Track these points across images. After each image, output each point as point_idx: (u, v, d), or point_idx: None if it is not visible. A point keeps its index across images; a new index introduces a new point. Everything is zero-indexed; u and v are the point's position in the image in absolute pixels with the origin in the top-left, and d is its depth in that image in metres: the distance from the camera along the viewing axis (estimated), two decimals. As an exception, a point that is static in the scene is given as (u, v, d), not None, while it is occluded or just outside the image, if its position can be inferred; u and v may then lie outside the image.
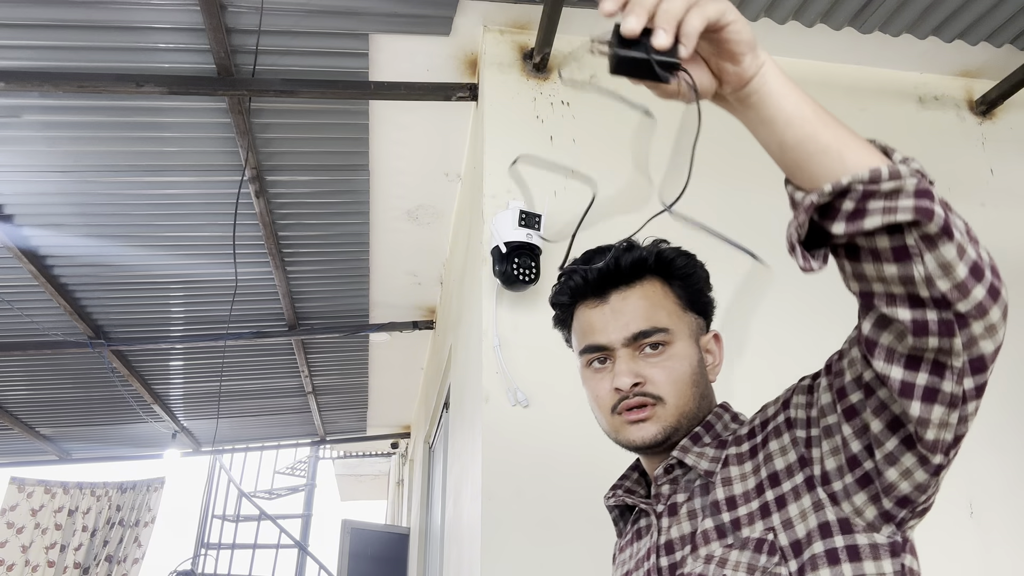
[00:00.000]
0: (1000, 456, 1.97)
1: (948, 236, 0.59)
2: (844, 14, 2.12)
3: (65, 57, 2.11)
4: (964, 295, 0.60)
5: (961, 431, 0.67)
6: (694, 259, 0.97)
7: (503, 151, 2.00)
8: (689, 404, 0.88)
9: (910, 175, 0.59)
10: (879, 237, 0.60)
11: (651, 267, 0.93)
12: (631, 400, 0.87)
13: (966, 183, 2.31)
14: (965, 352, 0.64)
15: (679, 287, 0.93)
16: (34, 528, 6.48)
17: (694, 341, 0.92)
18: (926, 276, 0.59)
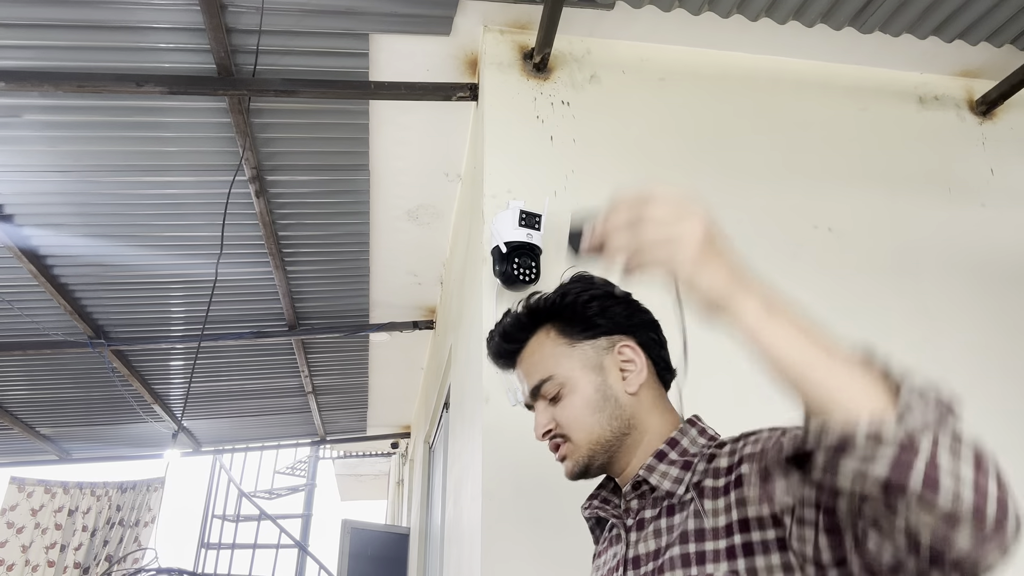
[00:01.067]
0: (1000, 457, 1.96)
1: (933, 491, 0.53)
2: (844, 14, 2.12)
3: (65, 57, 2.11)
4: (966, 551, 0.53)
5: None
6: (569, 291, 0.98)
7: (503, 151, 2.00)
8: (595, 431, 0.93)
9: (903, 433, 0.54)
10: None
11: (528, 323, 1.00)
12: (549, 444, 0.98)
13: (966, 183, 2.31)
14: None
15: (560, 325, 0.98)
16: (34, 528, 6.48)
17: (591, 369, 0.95)
18: (906, 529, 0.54)
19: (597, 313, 0.97)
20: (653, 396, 0.96)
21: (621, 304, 0.99)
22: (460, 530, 2.12)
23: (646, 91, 2.18)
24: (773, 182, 2.14)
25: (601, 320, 0.97)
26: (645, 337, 0.99)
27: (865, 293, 2.06)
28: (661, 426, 0.94)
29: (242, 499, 7.46)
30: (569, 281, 1.01)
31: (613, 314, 0.98)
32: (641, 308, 1.01)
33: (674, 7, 2.05)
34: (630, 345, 0.97)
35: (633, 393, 0.94)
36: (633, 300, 1.01)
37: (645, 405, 0.95)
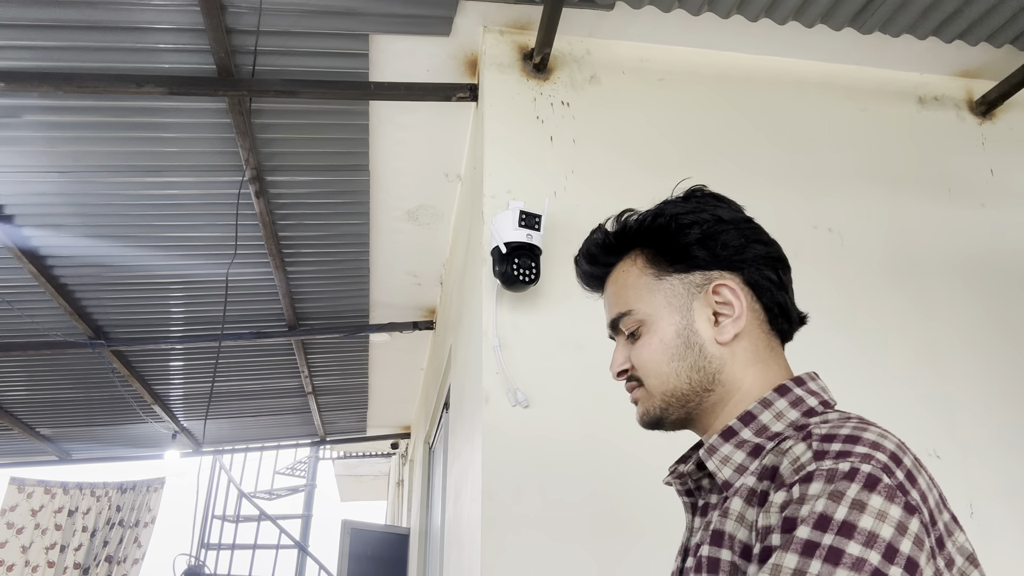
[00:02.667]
0: (1000, 457, 1.97)
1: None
2: (844, 15, 2.12)
3: (65, 57, 2.11)
4: None
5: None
6: (665, 211, 0.84)
7: (503, 151, 2.00)
8: (671, 381, 0.80)
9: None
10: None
11: (616, 245, 0.87)
12: (625, 386, 0.87)
13: (966, 183, 2.31)
14: None
15: (651, 252, 0.84)
16: (34, 528, 6.48)
17: (676, 308, 0.81)
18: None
19: (695, 241, 0.81)
20: (754, 348, 0.79)
21: (732, 232, 0.82)
22: (460, 530, 2.12)
23: (646, 92, 2.18)
24: (773, 182, 2.14)
25: (699, 251, 0.81)
26: (758, 276, 0.81)
27: (865, 293, 2.07)
28: (758, 387, 0.78)
29: (242, 499, 7.46)
30: (674, 198, 0.86)
31: (717, 244, 0.81)
32: (762, 238, 0.83)
33: (674, 8, 2.05)
34: (729, 285, 0.80)
35: (725, 343, 0.79)
36: (752, 227, 0.83)
37: (740, 359, 0.79)
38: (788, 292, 0.83)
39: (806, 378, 0.78)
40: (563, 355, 1.79)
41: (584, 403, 1.75)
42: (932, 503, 0.63)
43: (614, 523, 1.64)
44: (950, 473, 1.91)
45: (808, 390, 0.76)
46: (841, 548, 0.57)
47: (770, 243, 0.84)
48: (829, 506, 0.59)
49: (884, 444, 0.64)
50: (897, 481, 0.61)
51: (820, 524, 0.59)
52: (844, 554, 0.57)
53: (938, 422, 1.96)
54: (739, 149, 2.17)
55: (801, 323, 0.85)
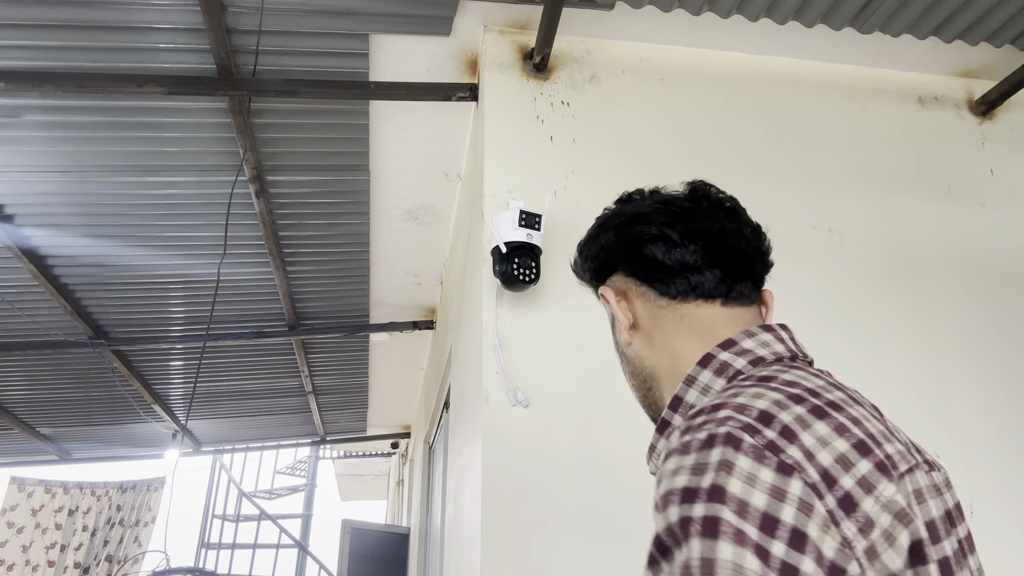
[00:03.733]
0: (1000, 456, 1.97)
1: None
2: (844, 15, 2.12)
3: (66, 57, 2.11)
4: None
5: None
6: (574, 266, 0.88)
7: (503, 151, 2.00)
8: (634, 394, 0.83)
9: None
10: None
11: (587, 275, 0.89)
12: None
13: (966, 183, 2.31)
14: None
15: (586, 283, 0.89)
16: (34, 528, 6.48)
17: (612, 327, 0.85)
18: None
19: (577, 267, 0.86)
20: (661, 332, 0.75)
21: (596, 240, 0.82)
22: (460, 530, 2.12)
23: (646, 91, 2.18)
24: (773, 182, 2.14)
25: (583, 275, 0.86)
26: (624, 265, 0.79)
27: (865, 293, 2.07)
28: (683, 365, 0.72)
29: (242, 499, 7.46)
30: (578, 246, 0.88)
31: (588, 260, 0.83)
32: (626, 222, 0.79)
33: (674, 7, 2.05)
34: (604, 292, 0.81)
35: (629, 342, 0.79)
36: (619, 219, 0.80)
37: (648, 347, 0.77)
38: (670, 256, 0.74)
39: (740, 337, 0.69)
40: (563, 355, 1.79)
41: (584, 402, 1.75)
42: (828, 460, 0.52)
43: (614, 522, 1.64)
44: (950, 473, 1.90)
45: (737, 351, 0.68)
46: (717, 516, 0.49)
47: (636, 225, 0.77)
48: (690, 479, 0.52)
49: (754, 404, 0.57)
50: (766, 440, 0.52)
51: (685, 497, 0.51)
52: (721, 522, 0.49)
53: (938, 422, 1.96)
54: (739, 149, 2.17)
55: (741, 273, 0.76)
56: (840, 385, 0.64)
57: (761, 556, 0.47)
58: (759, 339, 0.69)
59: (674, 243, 0.74)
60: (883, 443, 0.57)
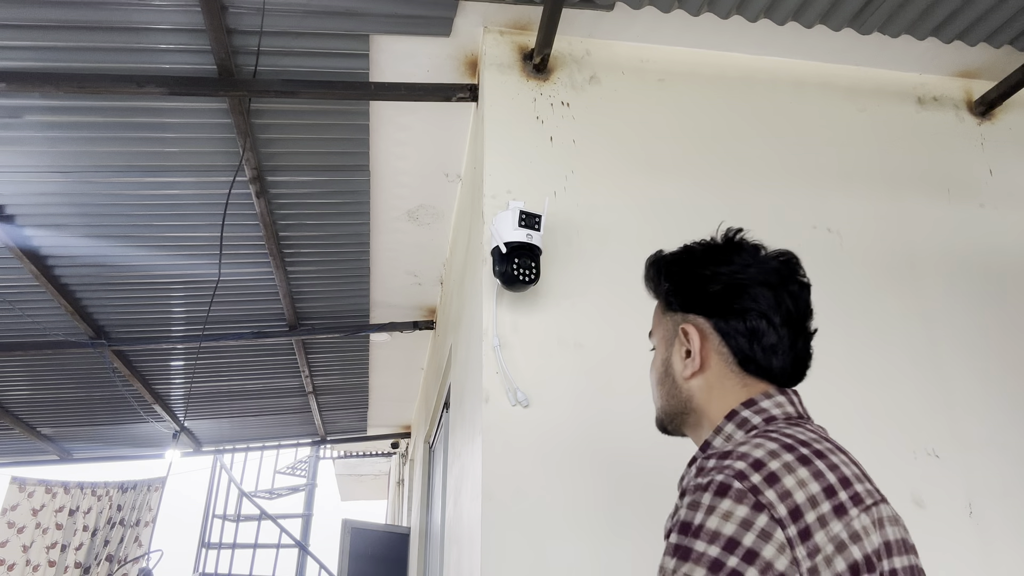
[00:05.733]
0: (1000, 456, 1.97)
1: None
2: (843, 15, 2.12)
3: (66, 58, 2.11)
4: None
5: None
6: (655, 262, 0.99)
7: (503, 152, 2.00)
8: (659, 401, 0.97)
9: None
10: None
11: (649, 278, 1.02)
12: None
13: (965, 184, 2.31)
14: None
15: (659, 292, 0.99)
16: (35, 528, 6.49)
17: (666, 341, 0.97)
18: None
19: (670, 289, 0.96)
20: (720, 385, 0.90)
21: (703, 282, 0.92)
22: (460, 530, 2.12)
23: (645, 92, 2.18)
24: (772, 182, 2.15)
25: (673, 297, 0.95)
26: (724, 324, 0.90)
27: (864, 293, 2.07)
28: (719, 416, 0.89)
29: (243, 499, 7.46)
30: (648, 261, 1.00)
31: (685, 290, 0.94)
32: (737, 287, 0.90)
33: (673, 8, 2.05)
34: (690, 329, 0.92)
35: (687, 378, 0.92)
36: (736, 281, 0.90)
37: (707, 392, 0.91)
38: (757, 340, 0.88)
39: (760, 398, 0.87)
40: (563, 355, 1.80)
41: (584, 402, 1.75)
42: (803, 498, 0.71)
43: (614, 522, 1.64)
44: (950, 473, 1.91)
45: (756, 409, 0.86)
46: (690, 547, 0.71)
47: (748, 291, 0.89)
48: (688, 514, 0.73)
49: (752, 454, 0.75)
50: (750, 484, 0.71)
51: (680, 529, 0.73)
52: (692, 551, 0.70)
53: (938, 422, 1.96)
54: (738, 149, 2.17)
55: (796, 372, 0.90)
56: (828, 438, 0.82)
57: (715, 568, 0.68)
58: (775, 400, 0.87)
59: (780, 336, 0.88)
60: (853, 484, 0.75)
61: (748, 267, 0.90)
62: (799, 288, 0.92)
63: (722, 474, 0.73)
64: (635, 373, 1.80)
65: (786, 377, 0.89)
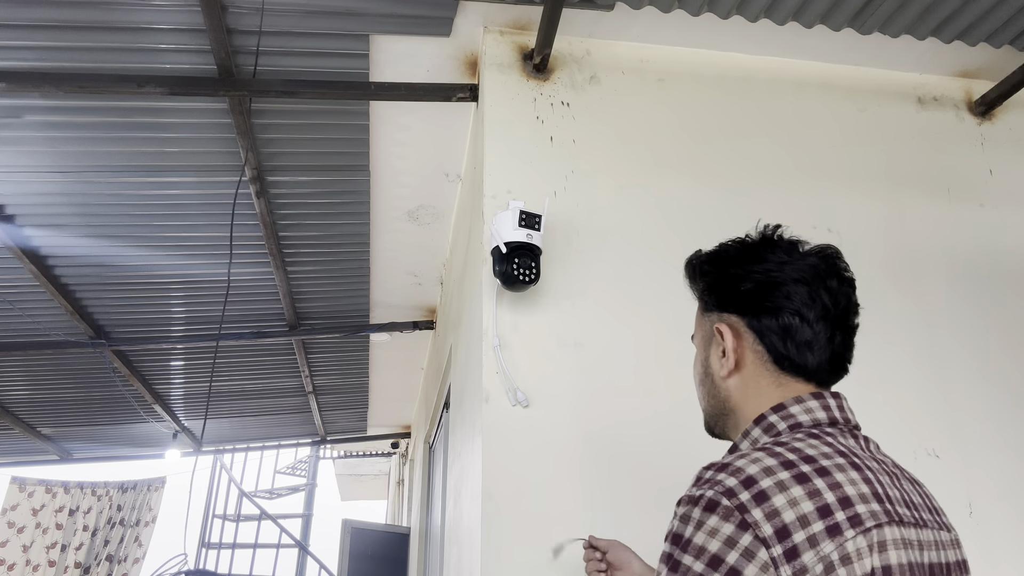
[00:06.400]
0: (1000, 456, 1.97)
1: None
2: (843, 15, 2.12)
3: (66, 58, 2.11)
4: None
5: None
6: (690, 262, 0.99)
7: (503, 152, 2.00)
8: (702, 401, 0.97)
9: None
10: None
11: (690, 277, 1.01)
12: None
13: (965, 184, 2.31)
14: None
15: (697, 292, 0.99)
16: (35, 528, 6.49)
17: (705, 341, 0.96)
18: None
19: (706, 288, 0.96)
20: (756, 384, 0.89)
21: (735, 280, 0.91)
22: (460, 530, 2.12)
23: (645, 92, 2.18)
24: (773, 182, 2.15)
25: (709, 296, 0.95)
26: (757, 323, 0.89)
27: (864, 293, 2.06)
28: (750, 416, 0.89)
29: (243, 499, 7.46)
30: (688, 260, 1.00)
31: (719, 289, 0.94)
32: (770, 285, 0.89)
33: (674, 8, 2.05)
34: (724, 328, 0.92)
35: (724, 377, 0.92)
36: (769, 278, 0.89)
37: (743, 392, 0.91)
38: (794, 339, 0.87)
39: (789, 403, 0.86)
40: (563, 355, 1.80)
41: (584, 402, 1.75)
42: (792, 517, 0.71)
43: (614, 523, 1.64)
44: (950, 473, 1.91)
45: (784, 415, 0.85)
46: (679, 560, 0.73)
47: (782, 287, 0.88)
48: (679, 526, 0.76)
49: (745, 470, 0.75)
50: (738, 502, 0.72)
51: (672, 540, 0.76)
52: (680, 564, 0.73)
53: (938, 422, 1.96)
54: (739, 149, 2.17)
55: (835, 368, 0.90)
56: (848, 451, 0.80)
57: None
58: (805, 406, 0.86)
59: (815, 332, 0.87)
60: (855, 504, 0.73)
61: (783, 264, 0.89)
62: (839, 283, 0.91)
63: (712, 490, 0.74)
64: (635, 373, 1.80)
65: (824, 373, 0.89)
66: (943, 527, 0.83)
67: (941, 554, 0.78)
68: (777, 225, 0.95)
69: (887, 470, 0.83)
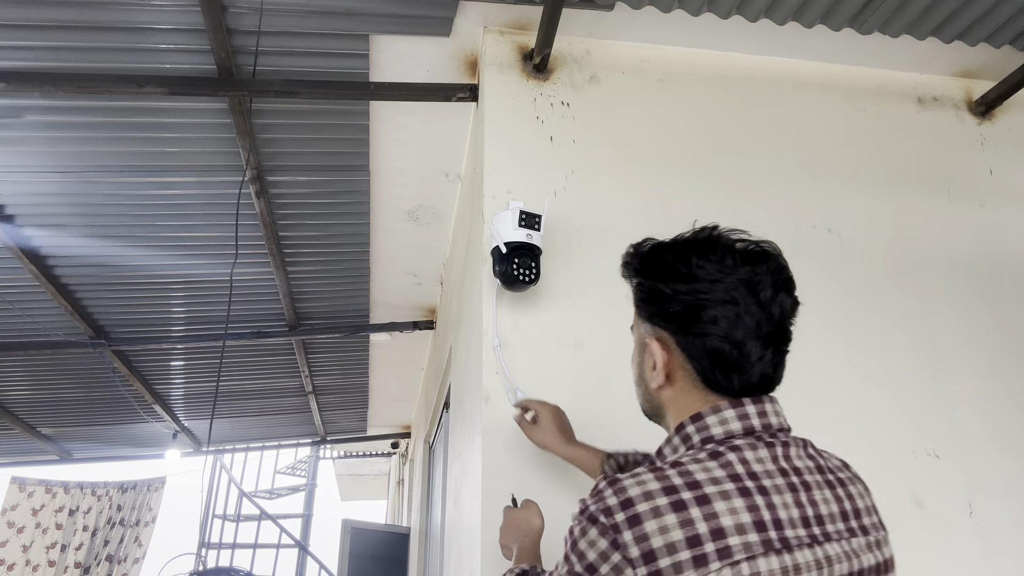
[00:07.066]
0: (1000, 456, 1.97)
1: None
2: (843, 15, 2.12)
3: (66, 58, 2.11)
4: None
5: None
6: (630, 264, 0.96)
7: (503, 151, 2.00)
8: (639, 400, 1.00)
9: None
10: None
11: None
12: None
13: (965, 184, 2.31)
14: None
15: (632, 294, 0.99)
16: (35, 528, 6.49)
17: (640, 346, 0.97)
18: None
19: (639, 299, 0.95)
20: (684, 399, 0.90)
21: (662, 298, 0.90)
22: (460, 530, 2.12)
23: (646, 92, 2.18)
24: (773, 182, 2.15)
25: (643, 308, 0.94)
26: (686, 342, 0.89)
27: (864, 293, 2.07)
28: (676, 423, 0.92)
29: (243, 499, 7.46)
30: (668, 242, 0.95)
31: (649, 304, 0.93)
32: (697, 308, 0.87)
33: (674, 8, 2.05)
34: (653, 344, 0.92)
35: (655, 388, 0.93)
36: (693, 298, 0.87)
37: (672, 402, 0.92)
38: (720, 364, 0.87)
39: (707, 412, 0.87)
40: (563, 355, 1.80)
41: (584, 402, 1.75)
42: (660, 544, 0.74)
43: (614, 522, 1.64)
44: (950, 473, 1.91)
45: (700, 426, 0.87)
46: (568, 556, 0.82)
47: (705, 317, 0.86)
48: (574, 527, 0.82)
49: (628, 491, 0.79)
50: (612, 522, 0.77)
51: (570, 535, 0.83)
52: (568, 561, 0.82)
53: (938, 422, 1.96)
54: (739, 149, 2.17)
55: (763, 387, 0.89)
56: (744, 474, 0.80)
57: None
58: (720, 416, 0.86)
59: (743, 355, 0.86)
60: (728, 536, 0.75)
61: (713, 283, 0.86)
62: (773, 292, 0.87)
63: (596, 505, 0.80)
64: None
65: (752, 390, 0.88)
66: (859, 532, 0.83)
67: (853, 563, 0.80)
68: (714, 226, 0.92)
69: (801, 480, 0.82)
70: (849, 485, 0.88)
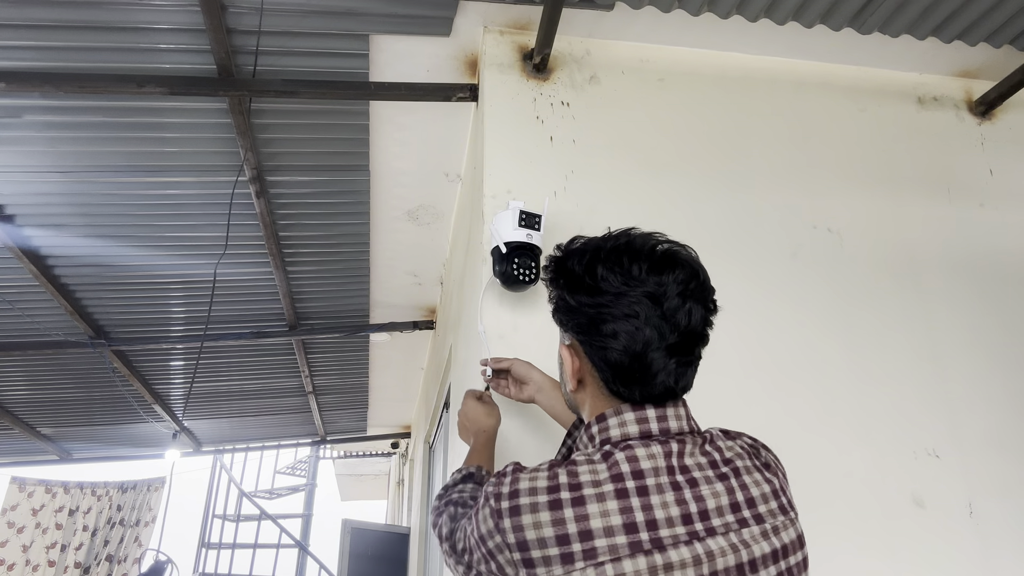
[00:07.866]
0: (1000, 456, 1.97)
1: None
2: (843, 15, 2.12)
3: (66, 58, 2.11)
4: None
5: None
6: (546, 267, 0.99)
7: (503, 151, 2.00)
8: (563, 393, 1.08)
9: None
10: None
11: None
12: None
13: (965, 184, 2.31)
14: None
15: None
16: (35, 528, 6.49)
17: (561, 348, 1.01)
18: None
19: (553, 307, 0.99)
20: (593, 403, 0.95)
21: (569, 309, 0.93)
22: (460, 530, 2.12)
23: (646, 92, 2.18)
24: (772, 182, 2.15)
25: (556, 316, 0.99)
26: (591, 352, 0.92)
27: (864, 293, 2.07)
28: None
29: (242, 499, 7.46)
30: (581, 246, 0.96)
31: (560, 312, 0.97)
32: (599, 322, 0.89)
33: (674, 8, 2.05)
34: (564, 352, 0.98)
35: (571, 392, 0.99)
36: (596, 312, 0.89)
37: (584, 403, 0.97)
38: (620, 375, 0.89)
39: (609, 414, 0.91)
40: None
41: (584, 403, 1.75)
42: (533, 537, 0.81)
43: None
44: (950, 473, 1.91)
45: (602, 427, 0.91)
46: (468, 520, 0.91)
47: (606, 331, 0.88)
48: (478, 499, 0.90)
49: (518, 483, 0.85)
50: (497, 508, 0.84)
51: (475, 505, 0.92)
52: (469, 525, 0.90)
53: (938, 422, 1.96)
54: (739, 149, 2.17)
55: (665, 397, 0.91)
56: (628, 474, 0.84)
57: (473, 548, 0.88)
58: (620, 419, 0.90)
59: (643, 366, 0.88)
60: (596, 539, 0.79)
61: (618, 297, 0.87)
62: (680, 302, 0.87)
63: (492, 488, 0.87)
64: (635, 373, 1.80)
65: (653, 399, 0.90)
66: (751, 521, 0.84)
67: (741, 553, 0.82)
68: (629, 230, 0.93)
69: (688, 478, 0.85)
70: (745, 475, 0.87)
